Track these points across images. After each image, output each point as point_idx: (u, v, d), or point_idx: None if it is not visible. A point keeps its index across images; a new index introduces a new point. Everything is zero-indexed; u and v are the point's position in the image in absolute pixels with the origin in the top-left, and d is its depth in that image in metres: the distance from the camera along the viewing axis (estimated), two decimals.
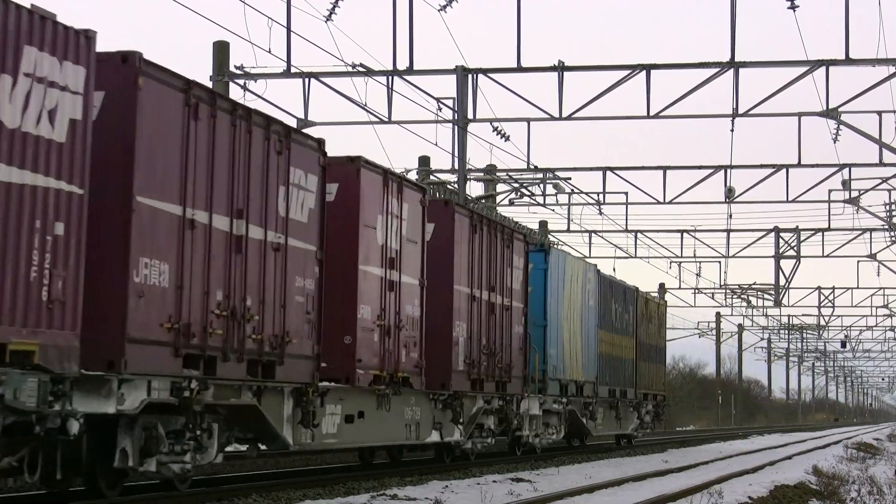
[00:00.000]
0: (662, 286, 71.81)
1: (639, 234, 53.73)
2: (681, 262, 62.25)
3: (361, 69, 31.15)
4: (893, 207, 47.57)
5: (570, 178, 44.06)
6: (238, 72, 31.58)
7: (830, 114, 32.09)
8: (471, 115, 32.55)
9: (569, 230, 48.98)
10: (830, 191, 45.20)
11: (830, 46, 59.17)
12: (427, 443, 23.13)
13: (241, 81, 31.58)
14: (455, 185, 38.59)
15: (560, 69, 31.78)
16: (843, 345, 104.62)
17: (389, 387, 20.69)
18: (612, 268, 60.83)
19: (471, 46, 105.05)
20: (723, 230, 52.22)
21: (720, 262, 61.72)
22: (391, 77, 31.68)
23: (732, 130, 35.26)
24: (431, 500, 17.20)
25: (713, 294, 71.49)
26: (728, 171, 41.75)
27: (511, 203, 44.90)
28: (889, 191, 46.24)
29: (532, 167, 40.78)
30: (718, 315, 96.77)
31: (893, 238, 52.41)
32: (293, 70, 31.03)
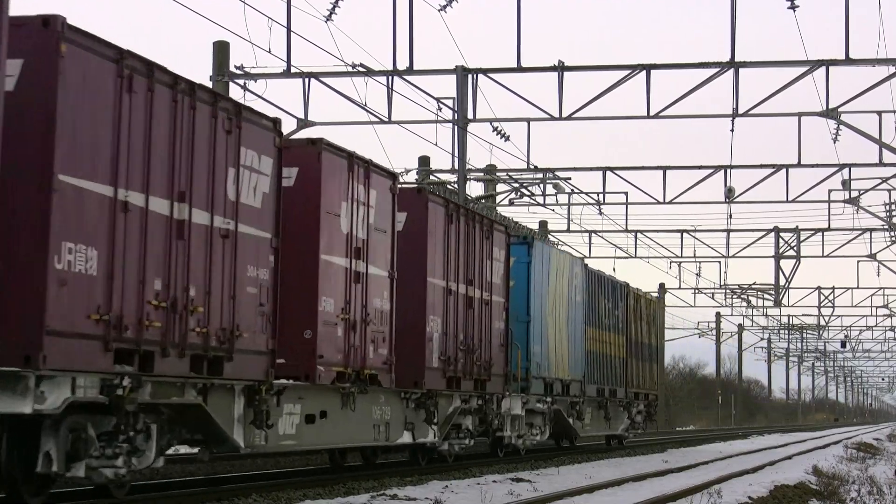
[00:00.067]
0: (662, 286, 72.39)
1: (639, 234, 53.81)
2: (681, 262, 62.73)
3: (361, 69, 31.03)
4: (893, 207, 47.69)
5: (570, 178, 44.21)
6: (238, 72, 31.61)
7: (830, 114, 32.04)
8: (471, 115, 32.58)
9: (569, 230, 48.98)
10: (830, 191, 45.38)
11: (830, 46, 58.75)
12: (398, 444, 21.85)
13: (242, 81, 31.67)
14: (455, 185, 38.38)
15: (560, 69, 31.80)
16: (843, 345, 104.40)
17: (355, 385, 19.35)
18: (612, 268, 60.53)
19: (471, 46, 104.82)
20: (723, 230, 52.37)
21: (720, 262, 62.20)
22: (391, 77, 31.71)
23: (732, 130, 35.31)
24: (431, 500, 16.97)
25: (713, 294, 72.04)
26: (728, 171, 41.86)
27: (511, 203, 44.82)
28: (889, 191, 46.42)
29: (532, 167, 40.72)
30: (718, 315, 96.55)
31: (893, 238, 52.64)
32: (293, 70, 31.12)
